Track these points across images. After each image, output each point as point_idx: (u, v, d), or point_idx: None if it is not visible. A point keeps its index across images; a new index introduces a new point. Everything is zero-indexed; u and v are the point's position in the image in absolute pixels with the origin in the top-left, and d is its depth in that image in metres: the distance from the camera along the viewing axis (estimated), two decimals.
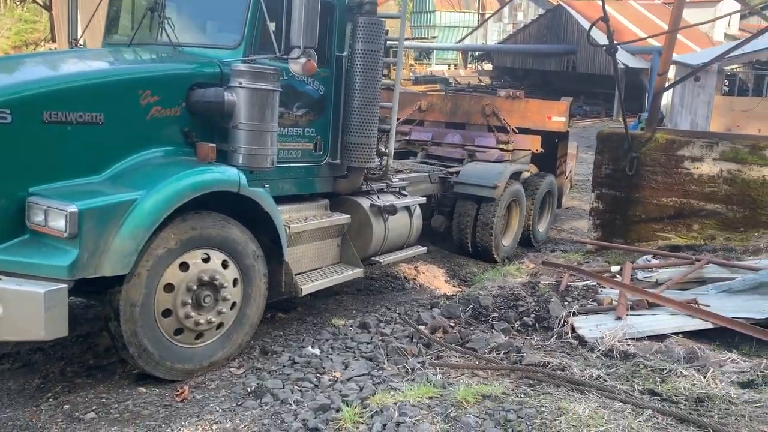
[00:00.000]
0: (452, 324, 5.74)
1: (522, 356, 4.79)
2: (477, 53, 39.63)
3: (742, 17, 34.44)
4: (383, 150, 6.69)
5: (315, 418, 3.90)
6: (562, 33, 31.72)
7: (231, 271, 4.81)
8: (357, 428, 3.71)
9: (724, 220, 8.19)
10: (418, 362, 4.87)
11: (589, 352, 4.92)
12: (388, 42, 6.51)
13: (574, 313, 5.60)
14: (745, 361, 4.59)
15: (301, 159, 5.85)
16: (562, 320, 5.53)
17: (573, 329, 5.36)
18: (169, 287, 4.45)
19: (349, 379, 4.52)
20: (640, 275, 6.51)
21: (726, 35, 33.74)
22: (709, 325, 5.08)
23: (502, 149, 9.51)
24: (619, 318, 5.35)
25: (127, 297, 4.23)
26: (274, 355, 5.08)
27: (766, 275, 5.75)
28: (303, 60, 4.92)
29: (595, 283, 6.54)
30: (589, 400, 3.97)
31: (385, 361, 4.87)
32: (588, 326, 5.32)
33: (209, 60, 5.15)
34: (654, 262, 6.94)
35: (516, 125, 9.74)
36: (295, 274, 5.64)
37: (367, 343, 5.31)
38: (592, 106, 30.29)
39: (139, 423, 4.02)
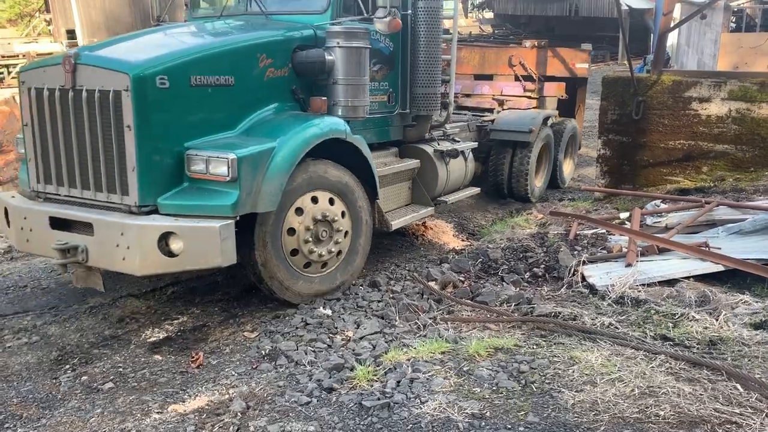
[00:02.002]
0: (462, 278, 5.75)
1: (533, 307, 4.80)
2: (477, 1, 38.83)
3: None
4: (445, 99, 7.24)
5: (330, 378, 3.94)
6: None
7: (337, 206, 5.45)
8: (371, 386, 3.75)
9: (733, 160, 8.09)
10: (429, 318, 4.90)
11: (600, 300, 4.93)
12: None
13: (583, 262, 5.59)
14: (757, 302, 4.58)
15: (378, 110, 6.38)
16: (572, 269, 5.53)
17: (583, 278, 5.36)
18: (291, 231, 5.11)
19: (361, 338, 4.56)
20: (649, 220, 6.47)
21: None
22: (720, 268, 5.05)
23: (529, 97, 9.97)
24: (629, 265, 5.34)
25: (265, 230, 4.89)
26: (287, 317, 5.10)
27: None
28: (388, 18, 5.54)
29: (604, 231, 6.52)
30: (602, 348, 3.99)
31: (397, 318, 4.89)
32: (598, 274, 5.31)
33: (303, 24, 5.68)
34: (663, 206, 6.88)
35: (541, 74, 10.13)
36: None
37: (378, 302, 5.32)
38: (597, 50, 29.72)
39: (156, 390, 4.07)
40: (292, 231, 5.11)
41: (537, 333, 4.38)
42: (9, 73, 26.64)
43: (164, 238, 4.42)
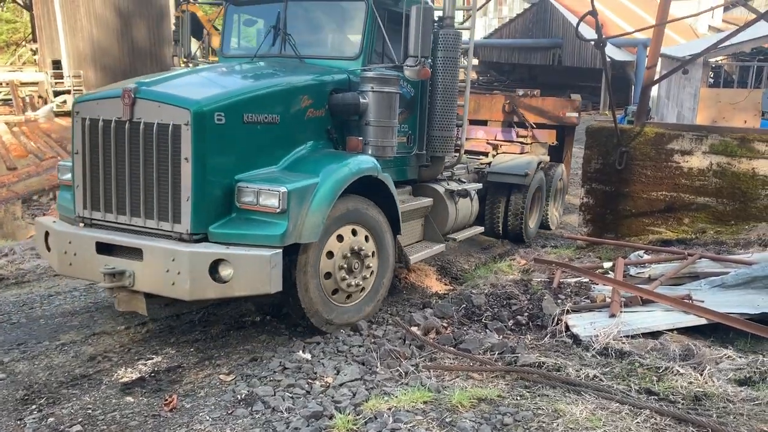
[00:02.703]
0: (445, 324, 5.67)
1: (517, 357, 4.72)
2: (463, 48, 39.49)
3: (725, 9, 34.61)
4: (457, 142, 7.68)
5: (307, 426, 3.81)
6: (548, 27, 31.67)
7: (371, 244, 5.72)
8: None
9: (714, 213, 8.17)
10: (412, 365, 4.79)
11: (584, 351, 4.86)
12: None
13: (567, 311, 5.54)
14: (741, 357, 4.54)
15: (398, 151, 6.57)
16: (556, 318, 5.47)
17: (567, 327, 5.30)
18: (330, 254, 5.35)
19: (341, 385, 4.44)
20: (632, 271, 6.47)
21: (710, 27, 33.88)
22: (704, 321, 5.03)
23: (522, 143, 10.42)
24: (613, 315, 5.30)
25: (306, 259, 5.13)
26: (264, 361, 4.97)
27: (758, 269, 5.72)
28: (418, 67, 5.94)
29: (587, 280, 6.50)
30: (586, 401, 3.91)
31: (378, 364, 4.78)
32: (582, 324, 5.26)
33: (339, 69, 6.09)
34: (646, 257, 6.89)
35: (533, 121, 10.53)
36: None
37: (359, 346, 5.22)
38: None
39: None
40: (330, 255, 5.36)
41: (521, 383, 4.29)
42: None
43: (215, 265, 4.63)
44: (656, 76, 8.86)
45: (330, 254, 5.35)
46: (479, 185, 8.63)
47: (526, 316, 5.70)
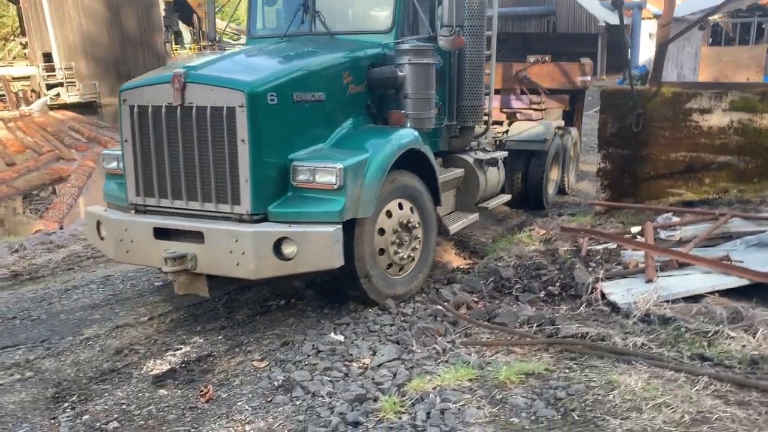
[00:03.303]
0: (475, 299, 5.53)
1: (557, 328, 4.59)
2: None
3: None
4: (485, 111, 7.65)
5: (352, 410, 3.68)
6: None
7: (416, 215, 5.74)
8: (400, 419, 3.51)
9: (736, 171, 7.98)
10: (448, 342, 4.67)
11: (625, 319, 4.73)
12: None
13: (601, 279, 5.40)
14: None
15: None
16: (590, 287, 5.34)
17: (603, 295, 5.17)
18: (381, 230, 5.36)
19: (379, 366, 4.31)
20: (662, 234, 6.31)
21: None
22: (746, 282, 4.89)
23: (535, 109, 10.28)
24: (649, 280, 5.16)
25: (362, 233, 5.12)
26: (296, 345, 4.84)
27: None
28: (453, 37, 5.89)
29: (615, 246, 6.35)
30: (639, 370, 3.79)
31: (413, 343, 4.65)
32: (619, 291, 5.13)
33: (373, 44, 6.07)
34: (675, 219, 6.74)
35: (546, 87, 10.42)
36: None
37: (390, 325, 5.08)
38: None
39: (166, 429, 3.79)
40: (381, 231, 5.38)
41: (566, 356, 4.17)
42: None
43: (278, 244, 4.70)
44: (671, 34, 8.60)
45: (381, 230, 5.37)
46: (505, 153, 8.61)
47: (558, 286, 5.57)
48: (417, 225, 5.73)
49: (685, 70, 26.08)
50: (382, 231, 5.38)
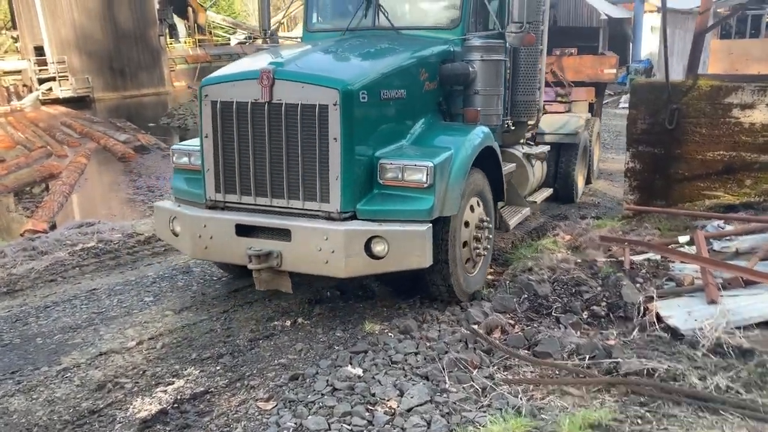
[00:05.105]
0: (510, 321, 4.86)
1: (616, 362, 3.91)
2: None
3: None
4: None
5: None
6: None
7: (485, 210, 5.71)
8: None
9: None
10: (485, 377, 3.99)
11: (691, 349, 4.06)
12: None
13: (654, 298, 4.72)
14: None
15: None
16: (642, 307, 4.67)
17: (659, 318, 4.49)
18: (466, 224, 5.35)
19: (409, 410, 3.63)
20: (716, 245, 5.64)
21: None
22: None
23: (561, 101, 10.16)
24: (712, 301, 4.48)
25: (452, 231, 5.07)
26: (307, 380, 4.16)
27: None
28: (522, 33, 5.74)
29: (659, 257, 5.68)
30: (731, 424, 3.11)
31: (446, 378, 3.98)
32: (678, 314, 4.46)
33: (443, 40, 5.97)
34: (728, 228, 6.06)
35: (571, 79, 10.36)
36: None
37: (415, 354, 4.42)
38: None
39: None
40: (466, 224, 5.34)
41: (633, 399, 3.50)
42: None
43: (368, 242, 4.63)
44: (710, 22, 7.93)
45: (466, 224, 5.35)
46: (548, 147, 8.52)
47: (604, 306, 4.89)
48: (489, 224, 5.68)
49: None
50: (467, 224, 5.36)
